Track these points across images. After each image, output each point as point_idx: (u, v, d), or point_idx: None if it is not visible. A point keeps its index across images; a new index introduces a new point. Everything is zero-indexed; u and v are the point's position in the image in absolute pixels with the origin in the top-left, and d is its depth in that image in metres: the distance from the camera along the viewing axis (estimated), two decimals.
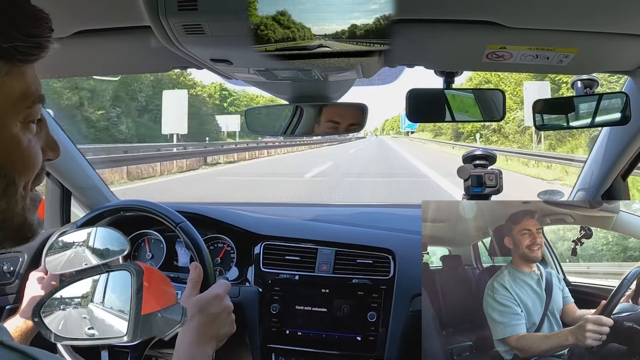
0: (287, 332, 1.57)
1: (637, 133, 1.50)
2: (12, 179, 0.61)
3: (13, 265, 1.57)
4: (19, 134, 0.61)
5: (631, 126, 1.41)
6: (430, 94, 1.33)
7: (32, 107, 0.63)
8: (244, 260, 1.71)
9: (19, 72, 0.60)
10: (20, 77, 0.60)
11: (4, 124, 0.59)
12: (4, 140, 0.59)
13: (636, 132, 1.50)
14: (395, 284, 1.54)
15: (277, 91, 1.44)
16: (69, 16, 1.00)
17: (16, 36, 0.57)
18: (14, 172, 0.61)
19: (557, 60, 1.16)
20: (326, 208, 2.62)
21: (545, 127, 1.42)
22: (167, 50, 0.99)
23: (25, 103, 0.61)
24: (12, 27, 0.57)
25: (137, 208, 1.45)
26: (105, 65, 1.47)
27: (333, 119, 1.39)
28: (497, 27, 1.01)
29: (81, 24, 1.05)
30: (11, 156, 0.61)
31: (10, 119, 0.60)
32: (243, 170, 16.75)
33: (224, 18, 0.88)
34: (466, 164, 1.63)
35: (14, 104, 0.60)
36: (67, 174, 1.91)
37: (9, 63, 0.58)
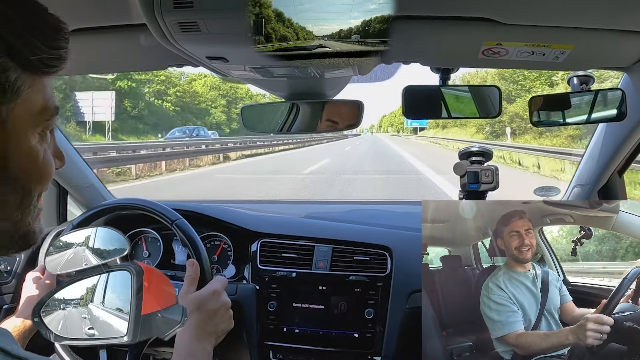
0: (284, 330, 1.57)
1: (633, 129, 1.51)
2: (28, 190, 0.61)
3: (10, 264, 1.57)
4: (36, 146, 0.61)
5: (627, 122, 1.41)
6: (426, 91, 1.33)
7: (50, 120, 0.63)
8: (241, 257, 1.71)
9: (41, 85, 0.60)
10: (41, 90, 0.60)
11: (25, 137, 0.59)
12: (23, 152, 0.59)
13: (632, 128, 1.51)
14: (392, 281, 1.54)
15: (273, 88, 1.44)
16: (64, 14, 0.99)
17: (41, 48, 0.57)
18: (30, 184, 0.61)
19: (553, 56, 1.16)
20: (323, 205, 2.62)
21: (541, 123, 1.42)
22: (163, 48, 0.99)
23: (45, 116, 0.61)
24: (38, 38, 0.57)
25: (133, 206, 1.44)
26: (101, 63, 1.47)
27: (329, 116, 1.39)
28: (493, 23, 1.01)
29: (77, 22, 1.05)
30: (29, 168, 0.61)
31: (30, 131, 0.60)
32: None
33: (220, 15, 0.88)
34: (462, 160, 1.63)
35: (35, 117, 0.60)
36: (63, 173, 1.90)
37: (33, 75, 0.58)
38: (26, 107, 0.58)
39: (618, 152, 1.62)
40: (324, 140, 42.57)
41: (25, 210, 0.62)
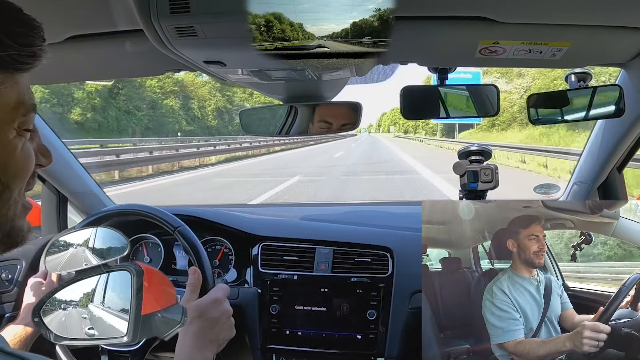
0: (287, 333, 1.57)
1: (632, 125, 1.51)
2: (6, 184, 0.62)
3: (11, 273, 1.56)
4: (14, 140, 0.63)
5: (625, 118, 1.41)
6: (424, 91, 1.34)
7: (26, 115, 0.64)
8: (242, 261, 1.71)
9: (13, 81, 0.61)
10: (15, 86, 0.62)
11: (1, 131, 0.61)
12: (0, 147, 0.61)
13: (630, 124, 1.51)
14: (394, 282, 1.54)
15: (271, 91, 1.44)
16: (61, 21, 1.00)
17: (11, 45, 0.58)
18: (7, 178, 0.62)
19: (550, 54, 1.16)
20: (323, 207, 2.62)
21: (539, 121, 1.42)
22: (160, 54, 0.99)
23: (21, 111, 0.63)
24: (8, 36, 0.58)
25: (135, 212, 1.44)
26: (98, 69, 1.47)
27: (327, 118, 1.39)
28: (489, 22, 1.01)
29: (74, 29, 1.05)
30: (6, 162, 0.62)
31: (6, 126, 0.62)
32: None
33: (217, 20, 0.88)
34: (462, 159, 1.63)
35: (10, 112, 0.62)
36: (62, 180, 1.90)
37: (5, 72, 0.60)
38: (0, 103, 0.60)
39: (617, 149, 1.62)
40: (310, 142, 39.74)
41: (5, 205, 0.63)
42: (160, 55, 1.01)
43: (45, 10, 0.61)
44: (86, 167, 1.98)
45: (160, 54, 0.99)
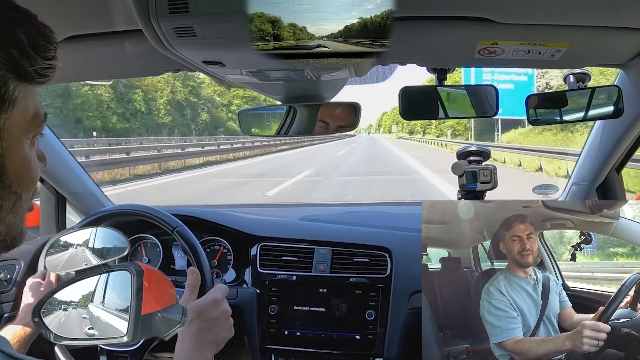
0: (285, 333, 1.57)
1: (630, 125, 1.51)
2: (20, 194, 0.63)
3: (10, 273, 1.56)
4: (29, 153, 0.64)
5: (624, 119, 1.41)
6: (423, 91, 1.34)
7: (40, 126, 0.65)
8: (241, 261, 1.71)
9: (32, 93, 0.62)
10: (33, 97, 0.62)
11: (20, 144, 0.62)
12: (18, 159, 0.62)
13: (629, 124, 1.51)
14: (393, 282, 1.54)
15: (270, 92, 1.44)
16: (60, 21, 1.00)
17: (38, 59, 0.59)
18: (21, 188, 0.63)
19: (549, 54, 1.16)
20: (321, 208, 2.62)
21: (538, 121, 1.42)
22: (159, 54, 0.99)
23: (37, 122, 0.64)
24: (36, 50, 0.59)
25: (134, 212, 1.44)
26: (97, 70, 1.47)
27: (326, 119, 1.39)
28: (488, 23, 1.01)
29: (72, 29, 1.05)
30: (22, 174, 0.63)
31: (23, 137, 0.62)
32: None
33: (216, 20, 0.87)
34: (460, 160, 1.63)
35: (28, 124, 0.62)
36: (61, 180, 1.90)
37: (28, 85, 0.60)
38: (20, 116, 0.60)
39: (615, 149, 1.63)
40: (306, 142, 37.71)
41: (17, 214, 0.64)
42: (159, 56, 1.01)
43: (44, 9, 0.61)
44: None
45: (159, 54, 0.99)
